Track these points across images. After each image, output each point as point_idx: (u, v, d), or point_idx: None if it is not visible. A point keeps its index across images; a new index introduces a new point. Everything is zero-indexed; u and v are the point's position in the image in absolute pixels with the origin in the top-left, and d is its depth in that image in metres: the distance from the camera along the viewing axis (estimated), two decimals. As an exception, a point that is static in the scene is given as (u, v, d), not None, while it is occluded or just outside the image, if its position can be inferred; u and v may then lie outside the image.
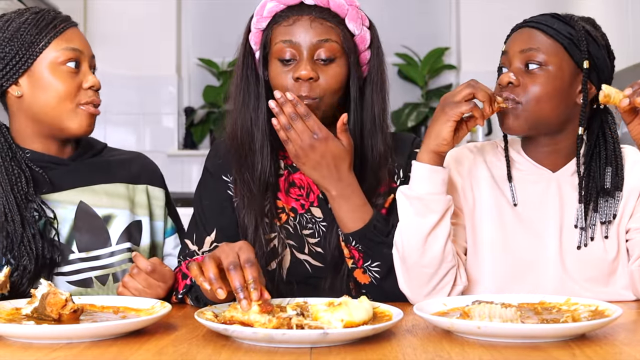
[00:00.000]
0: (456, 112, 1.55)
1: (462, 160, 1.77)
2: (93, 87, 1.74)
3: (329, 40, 1.68)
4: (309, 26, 1.68)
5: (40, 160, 1.74)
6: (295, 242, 1.76)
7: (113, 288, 1.75)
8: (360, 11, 1.74)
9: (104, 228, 1.77)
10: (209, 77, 4.63)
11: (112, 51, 4.43)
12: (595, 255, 1.66)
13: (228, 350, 1.25)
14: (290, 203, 1.77)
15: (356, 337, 1.29)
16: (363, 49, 1.75)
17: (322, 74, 1.68)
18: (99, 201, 1.78)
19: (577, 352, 1.21)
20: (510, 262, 1.68)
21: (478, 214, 1.72)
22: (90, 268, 1.74)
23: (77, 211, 1.75)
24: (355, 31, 1.73)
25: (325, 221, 1.76)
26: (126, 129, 4.50)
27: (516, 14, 4.39)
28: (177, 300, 1.69)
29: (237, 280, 1.37)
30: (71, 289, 1.71)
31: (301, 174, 1.78)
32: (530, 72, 1.63)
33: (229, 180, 1.80)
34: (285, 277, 1.75)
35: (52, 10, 1.75)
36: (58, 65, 1.70)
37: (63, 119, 1.71)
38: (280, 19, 1.70)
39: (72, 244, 1.73)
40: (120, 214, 1.80)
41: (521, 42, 1.66)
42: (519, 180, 1.72)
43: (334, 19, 1.70)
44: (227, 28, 4.64)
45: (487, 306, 1.35)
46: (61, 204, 1.74)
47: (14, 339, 1.31)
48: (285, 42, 1.68)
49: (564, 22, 1.65)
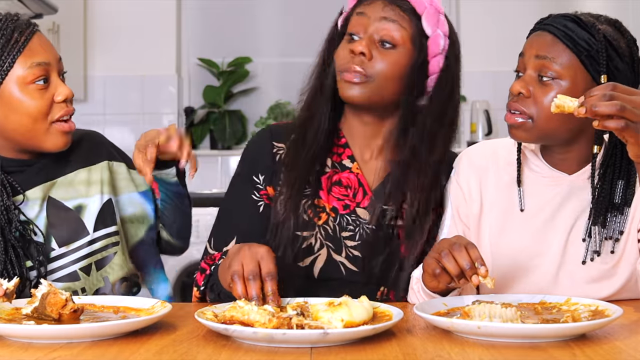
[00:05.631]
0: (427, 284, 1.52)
1: (473, 163, 1.75)
2: (66, 100, 1.68)
3: (396, 22, 1.70)
4: (382, 8, 1.71)
5: (9, 165, 1.71)
6: (332, 244, 1.74)
7: (97, 277, 1.74)
8: (440, 15, 1.73)
9: (78, 218, 1.76)
10: (209, 77, 4.62)
11: (112, 51, 4.43)
12: (595, 267, 1.64)
13: (228, 350, 1.25)
14: (332, 202, 1.76)
15: (356, 337, 1.29)
16: (434, 54, 1.73)
17: (379, 55, 1.69)
18: (65, 193, 1.76)
19: (577, 352, 1.21)
20: (508, 264, 1.66)
21: (484, 217, 1.71)
22: (73, 261, 1.73)
23: (47, 208, 1.73)
24: (429, 31, 1.72)
25: (373, 224, 1.73)
26: (126, 128, 4.50)
27: (516, 14, 4.42)
28: (199, 294, 1.70)
29: (254, 290, 1.42)
30: (59, 285, 1.69)
31: (349, 173, 1.77)
32: (543, 83, 1.59)
33: (259, 181, 1.79)
34: (317, 275, 1.73)
35: (10, 19, 1.66)
36: (27, 85, 1.64)
37: (38, 139, 1.67)
38: (362, 1, 1.75)
39: (50, 241, 1.72)
40: (90, 201, 1.77)
41: (537, 47, 1.60)
42: (532, 183, 1.69)
43: (409, 10, 1.71)
44: (227, 28, 4.65)
45: (487, 306, 1.35)
46: (29, 204, 1.72)
47: (14, 339, 1.31)
48: (358, 14, 1.73)
49: (584, 28, 1.58)
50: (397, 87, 1.72)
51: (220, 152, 4.50)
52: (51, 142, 1.68)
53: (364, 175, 1.78)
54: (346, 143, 1.81)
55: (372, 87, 1.70)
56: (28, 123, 1.65)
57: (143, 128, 4.51)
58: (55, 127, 1.68)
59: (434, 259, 1.46)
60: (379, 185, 1.78)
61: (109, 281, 1.76)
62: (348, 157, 1.80)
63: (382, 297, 1.73)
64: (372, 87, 1.70)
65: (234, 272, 1.44)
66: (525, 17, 4.57)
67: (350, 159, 1.79)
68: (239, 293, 1.42)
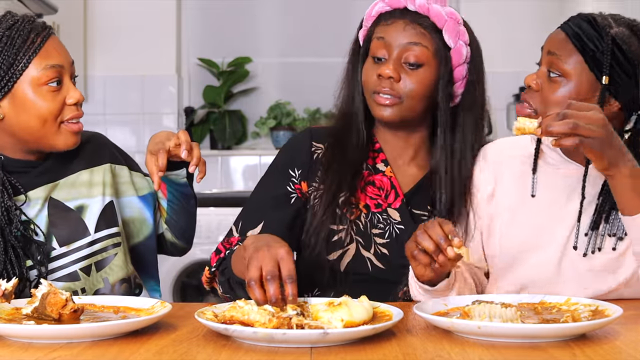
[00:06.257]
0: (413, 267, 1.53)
1: (489, 157, 1.79)
2: (77, 103, 1.69)
3: (419, 44, 1.74)
4: (402, 28, 1.75)
5: (14, 165, 1.71)
6: (362, 239, 1.78)
7: (97, 277, 1.74)
8: (460, 26, 1.77)
9: (79, 218, 1.76)
10: (209, 77, 4.62)
11: (112, 51, 4.43)
12: (599, 260, 1.65)
13: (228, 350, 1.25)
14: (365, 200, 1.80)
15: (356, 337, 1.29)
16: (458, 64, 1.78)
17: (406, 76, 1.75)
18: (67, 194, 1.76)
19: (577, 352, 1.21)
20: (515, 249, 1.70)
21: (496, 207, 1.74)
22: (74, 261, 1.73)
23: (49, 208, 1.74)
24: (451, 44, 1.76)
25: (403, 224, 1.79)
26: (126, 128, 4.50)
27: (516, 14, 4.42)
28: (210, 274, 1.72)
29: (272, 291, 1.37)
30: (59, 285, 1.69)
31: (382, 176, 1.83)
32: (552, 79, 1.62)
33: (294, 174, 1.83)
34: (343, 269, 1.77)
35: (27, 21, 1.67)
36: (40, 86, 1.65)
37: (48, 138, 1.68)
38: (382, 20, 1.79)
39: (51, 240, 1.73)
40: (92, 202, 1.78)
41: (551, 44, 1.65)
42: (546, 172, 1.71)
43: (430, 27, 1.75)
44: (227, 28, 4.64)
45: (487, 306, 1.35)
46: (30, 204, 1.72)
47: (14, 339, 1.31)
48: (379, 39, 1.77)
49: (595, 29, 1.61)
50: (426, 102, 1.78)
51: (220, 152, 4.50)
52: (62, 141, 1.69)
53: (397, 179, 1.84)
54: (380, 148, 1.86)
55: (403, 106, 1.76)
56: (38, 124, 1.66)
57: (143, 128, 4.57)
58: (64, 127, 1.69)
59: (412, 242, 1.48)
60: (411, 189, 1.84)
61: (109, 282, 1.76)
62: (382, 161, 1.86)
63: (403, 297, 1.76)
64: (403, 107, 1.76)
65: (251, 278, 1.40)
66: (525, 18, 4.59)
67: (384, 163, 1.85)
68: (257, 298, 1.39)
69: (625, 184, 1.51)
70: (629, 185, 1.51)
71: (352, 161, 1.81)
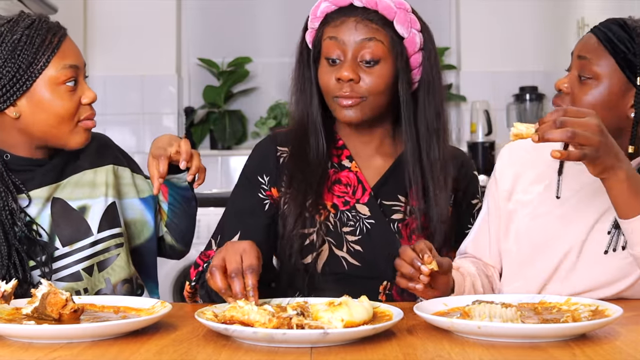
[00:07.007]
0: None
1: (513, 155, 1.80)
2: (91, 103, 1.72)
3: (373, 39, 1.72)
4: (354, 27, 1.73)
5: (20, 164, 1.72)
6: (334, 239, 1.78)
7: (99, 278, 1.75)
8: (410, 14, 1.76)
9: (82, 218, 1.76)
10: (209, 77, 4.62)
11: (112, 51, 4.43)
12: (615, 261, 1.65)
13: (228, 350, 1.25)
14: (332, 200, 1.80)
15: (356, 337, 1.29)
16: (413, 52, 1.77)
17: (365, 75, 1.73)
18: (71, 194, 1.77)
19: (577, 352, 1.21)
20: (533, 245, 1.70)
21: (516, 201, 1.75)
22: (77, 261, 1.74)
23: (52, 207, 1.74)
24: (404, 34, 1.75)
25: (373, 219, 1.78)
26: (126, 129, 4.50)
27: (516, 14, 4.42)
28: (190, 289, 1.73)
29: (237, 287, 1.44)
30: (61, 285, 1.70)
31: (349, 172, 1.82)
32: (583, 82, 1.63)
33: (264, 181, 1.82)
34: (320, 271, 1.77)
35: (44, 20, 1.71)
36: (58, 85, 1.67)
37: (63, 137, 1.70)
38: (330, 20, 1.77)
39: (55, 240, 1.73)
40: (94, 202, 1.79)
41: (581, 48, 1.66)
42: (572, 172, 1.71)
43: (380, 20, 1.73)
44: (227, 28, 4.64)
45: (487, 306, 1.35)
46: (34, 203, 1.72)
47: (14, 339, 1.31)
48: (332, 39, 1.75)
49: (626, 31, 1.62)
50: (388, 96, 1.77)
51: (220, 152, 4.50)
52: (74, 140, 1.71)
53: (362, 173, 1.82)
54: (343, 145, 1.85)
55: (366, 105, 1.75)
56: (55, 123, 1.68)
57: (143, 128, 4.57)
58: (80, 125, 1.71)
59: (399, 277, 1.52)
60: (378, 181, 1.82)
61: (111, 282, 1.76)
62: (346, 157, 1.84)
63: (384, 292, 1.77)
64: (366, 105, 1.75)
65: (213, 265, 1.47)
66: (525, 18, 4.59)
67: (349, 159, 1.84)
68: (218, 286, 1.45)
69: (620, 187, 1.51)
70: (624, 188, 1.50)
71: (313, 169, 1.80)
